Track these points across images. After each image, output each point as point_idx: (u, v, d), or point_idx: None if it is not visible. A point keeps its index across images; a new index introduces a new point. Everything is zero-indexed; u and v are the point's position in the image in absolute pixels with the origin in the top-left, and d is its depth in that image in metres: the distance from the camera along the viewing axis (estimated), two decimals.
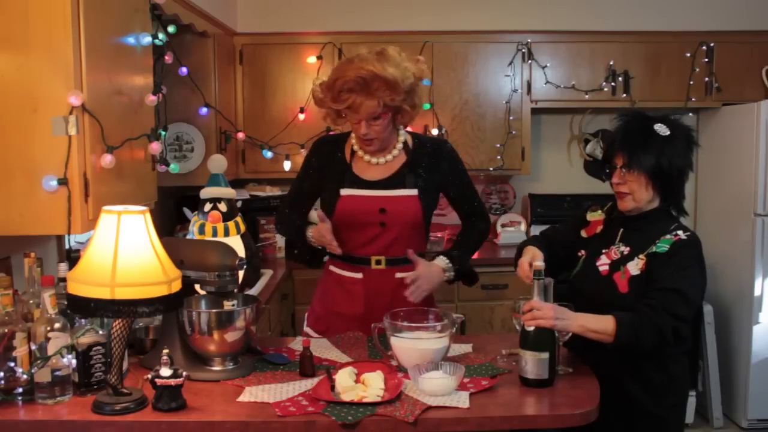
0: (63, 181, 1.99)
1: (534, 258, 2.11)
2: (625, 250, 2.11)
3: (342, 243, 2.40)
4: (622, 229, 2.16)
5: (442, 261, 2.43)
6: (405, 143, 2.47)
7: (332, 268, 2.52)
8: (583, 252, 2.23)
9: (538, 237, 2.36)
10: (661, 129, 2.09)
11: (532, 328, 1.91)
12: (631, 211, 2.12)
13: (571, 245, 2.27)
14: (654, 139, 2.07)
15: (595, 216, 2.29)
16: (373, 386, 1.84)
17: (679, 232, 2.05)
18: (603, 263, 2.13)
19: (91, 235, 1.79)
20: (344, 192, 2.40)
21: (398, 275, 2.41)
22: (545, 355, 1.89)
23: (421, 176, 2.43)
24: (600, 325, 1.94)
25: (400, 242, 2.40)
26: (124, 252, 1.69)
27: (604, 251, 2.15)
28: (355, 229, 2.40)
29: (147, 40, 2.49)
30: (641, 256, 2.05)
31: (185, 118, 3.61)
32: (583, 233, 2.27)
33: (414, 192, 2.40)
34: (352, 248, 2.42)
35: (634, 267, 2.05)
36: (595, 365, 2.04)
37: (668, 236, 2.04)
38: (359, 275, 2.43)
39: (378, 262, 2.41)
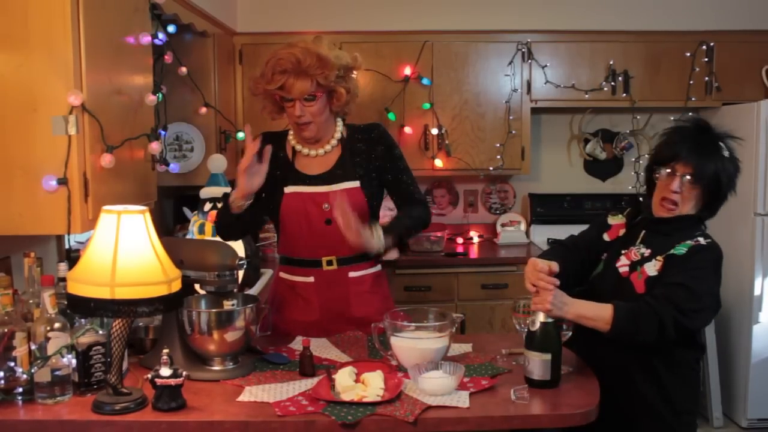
0: (63, 181, 1.99)
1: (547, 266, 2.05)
2: (646, 252, 2.09)
3: (290, 246, 2.38)
4: (644, 231, 2.15)
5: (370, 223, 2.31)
6: (341, 135, 2.42)
7: (282, 274, 2.46)
8: (605, 255, 2.22)
9: (555, 248, 2.30)
10: (723, 147, 2.08)
11: (537, 328, 1.91)
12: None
13: (595, 249, 2.24)
14: (720, 154, 2.06)
15: (617, 220, 2.26)
16: (372, 386, 1.84)
17: (700, 239, 2.05)
18: (623, 264, 2.12)
19: (91, 234, 1.79)
20: (288, 189, 2.34)
21: (351, 275, 2.38)
22: (551, 357, 1.88)
23: (360, 165, 2.37)
24: (596, 312, 1.93)
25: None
26: (123, 252, 1.69)
27: (623, 252, 2.14)
28: (301, 229, 2.34)
29: (147, 39, 2.48)
30: (659, 257, 2.05)
31: (185, 118, 3.61)
32: (606, 237, 2.24)
33: (356, 184, 2.35)
34: (301, 251, 2.37)
35: (652, 268, 2.04)
36: (604, 362, 2.03)
37: (689, 241, 2.04)
38: (311, 279, 2.37)
39: (329, 263, 2.36)
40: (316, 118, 2.30)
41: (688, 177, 2.05)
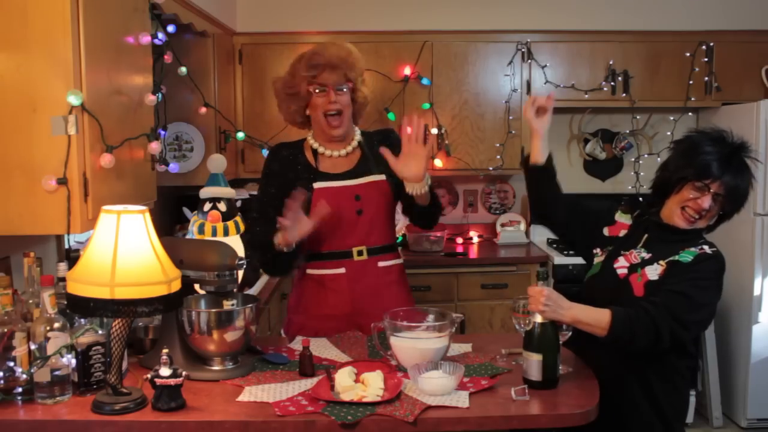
0: (62, 181, 1.99)
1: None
2: (646, 255, 2.09)
3: (320, 241, 2.41)
4: (646, 235, 2.14)
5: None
6: (359, 141, 2.52)
7: (310, 270, 2.48)
8: (598, 250, 2.22)
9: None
10: (752, 167, 2.08)
11: (537, 329, 1.91)
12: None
13: (593, 225, 2.24)
14: (750, 174, 2.06)
15: (623, 219, 2.24)
16: (372, 386, 1.84)
17: (705, 247, 2.05)
18: (621, 266, 2.11)
19: (91, 234, 1.79)
20: (317, 185, 2.41)
21: (381, 264, 2.44)
22: (549, 357, 1.88)
23: (381, 162, 2.41)
24: (593, 317, 1.93)
25: (377, 229, 2.44)
26: (123, 252, 1.69)
27: (623, 253, 2.13)
28: (332, 221, 2.36)
29: (146, 39, 2.48)
30: (662, 262, 2.04)
31: (185, 118, 3.61)
32: (606, 231, 2.24)
33: (382, 177, 2.46)
34: (331, 243, 2.42)
35: (653, 272, 2.03)
36: (598, 368, 2.03)
37: (694, 249, 2.03)
38: (342, 270, 2.43)
39: (360, 253, 2.42)
40: (346, 110, 2.42)
41: (722, 197, 2.01)
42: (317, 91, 2.40)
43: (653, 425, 2.06)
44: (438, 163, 4.27)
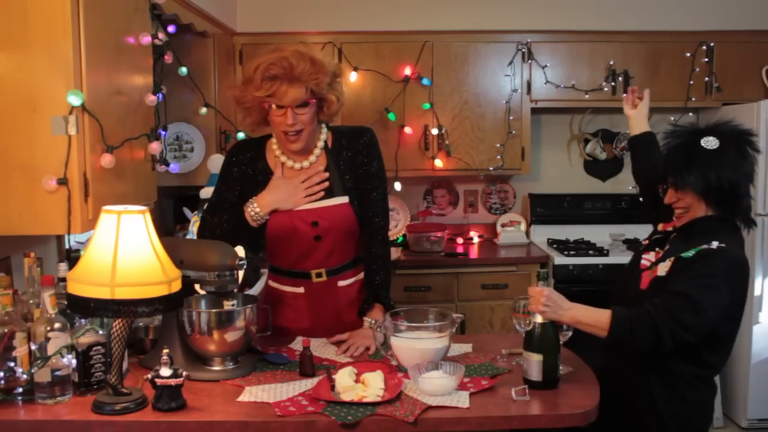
0: (63, 181, 1.99)
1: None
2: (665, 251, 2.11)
3: (278, 258, 2.36)
4: (674, 234, 2.14)
5: (368, 323, 2.29)
6: (325, 143, 2.32)
7: (272, 283, 2.44)
8: (646, 241, 2.24)
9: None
10: (709, 143, 2.01)
11: (537, 329, 1.91)
12: None
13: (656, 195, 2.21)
14: (699, 154, 2.00)
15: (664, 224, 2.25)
16: (373, 386, 1.84)
17: (714, 243, 1.96)
18: (647, 259, 2.13)
19: (91, 235, 1.79)
20: None
21: (341, 283, 2.36)
22: (549, 358, 1.88)
23: (345, 178, 2.29)
24: (594, 318, 1.92)
25: (337, 251, 2.32)
26: (123, 252, 1.69)
27: (657, 249, 2.15)
28: (289, 243, 2.30)
29: (147, 39, 2.48)
30: (671, 258, 2.03)
31: (185, 118, 3.61)
32: (660, 226, 2.24)
33: (344, 200, 2.28)
34: (289, 263, 2.35)
35: (663, 268, 2.03)
36: (600, 366, 2.03)
37: (703, 245, 1.97)
38: (301, 289, 2.37)
39: (318, 275, 2.34)
40: (308, 126, 2.20)
41: (672, 186, 2.05)
42: (274, 107, 2.17)
43: (647, 427, 2.03)
44: (438, 163, 4.27)
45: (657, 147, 2.36)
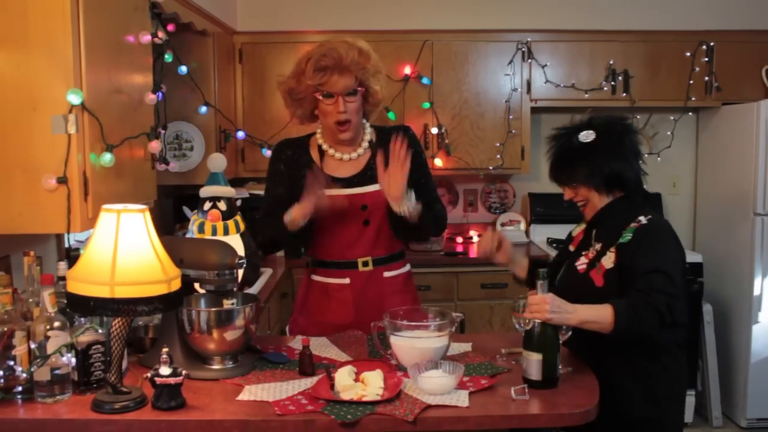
0: (62, 180, 1.99)
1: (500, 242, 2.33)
2: (598, 246, 2.13)
3: (325, 249, 2.38)
4: (594, 230, 2.19)
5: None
6: (371, 138, 2.43)
7: (315, 277, 2.47)
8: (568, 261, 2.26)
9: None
10: (585, 136, 2.12)
11: (536, 328, 1.91)
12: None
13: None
14: (575, 150, 2.12)
15: (577, 229, 2.32)
16: (372, 385, 1.84)
17: (641, 218, 2.07)
18: (581, 263, 2.16)
19: (91, 233, 1.79)
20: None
21: (386, 274, 2.41)
22: (549, 357, 1.88)
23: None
24: (598, 314, 1.93)
25: (384, 239, 2.39)
26: (123, 251, 1.69)
27: (583, 253, 2.18)
28: (338, 231, 2.35)
29: (147, 38, 2.48)
30: (612, 249, 2.07)
31: (185, 117, 3.61)
32: (571, 247, 2.29)
33: None
34: (336, 253, 2.39)
35: (608, 261, 2.06)
36: (586, 362, 2.04)
37: (632, 224, 2.06)
38: (346, 280, 2.40)
39: (365, 264, 2.39)
40: (355, 116, 2.31)
41: (563, 186, 2.17)
42: (325, 97, 2.29)
43: (648, 408, 2.04)
44: (438, 162, 4.27)
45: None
